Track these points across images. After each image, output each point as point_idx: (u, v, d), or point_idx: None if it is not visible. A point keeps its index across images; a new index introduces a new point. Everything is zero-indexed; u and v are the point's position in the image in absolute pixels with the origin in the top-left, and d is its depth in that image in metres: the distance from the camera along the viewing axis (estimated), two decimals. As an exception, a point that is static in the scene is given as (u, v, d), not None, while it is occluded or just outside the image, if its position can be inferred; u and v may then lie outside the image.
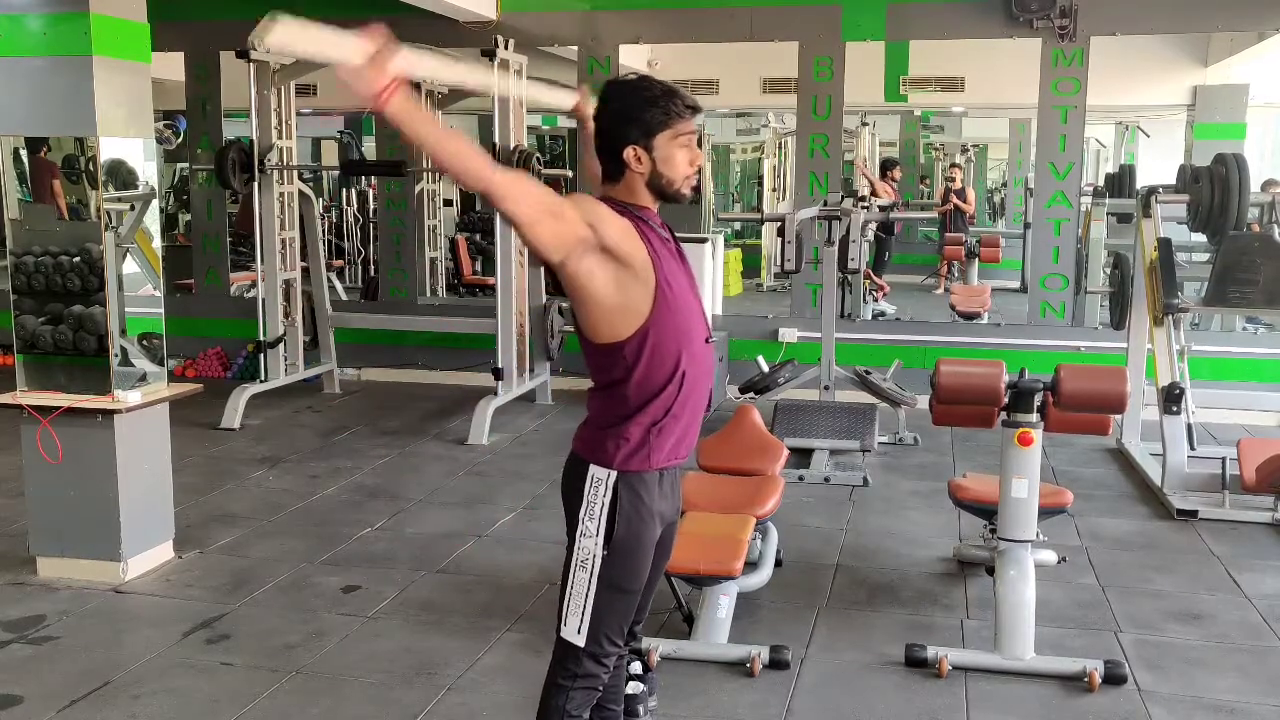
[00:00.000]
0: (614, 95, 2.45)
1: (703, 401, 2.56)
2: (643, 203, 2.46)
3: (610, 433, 2.46)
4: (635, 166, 2.42)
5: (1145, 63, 10.15)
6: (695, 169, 2.47)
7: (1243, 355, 7.65)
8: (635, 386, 2.43)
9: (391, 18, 8.79)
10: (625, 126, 2.41)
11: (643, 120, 2.40)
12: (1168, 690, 3.71)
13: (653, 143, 2.41)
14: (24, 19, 4.31)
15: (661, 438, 2.47)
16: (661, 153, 2.41)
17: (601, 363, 2.47)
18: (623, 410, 2.45)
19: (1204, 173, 6.38)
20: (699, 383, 2.52)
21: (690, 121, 2.45)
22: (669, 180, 2.44)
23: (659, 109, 2.40)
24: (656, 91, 2.42)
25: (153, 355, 4.76)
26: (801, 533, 5.23)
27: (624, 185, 2.46)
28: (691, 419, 2.53)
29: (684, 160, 2.44)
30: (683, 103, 2.43)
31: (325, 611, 4.31)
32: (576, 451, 2.54)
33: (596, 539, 2.46)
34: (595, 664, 2.54)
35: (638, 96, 2.42)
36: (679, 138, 2.43)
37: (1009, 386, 3.86)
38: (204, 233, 9.25)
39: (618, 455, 2.45)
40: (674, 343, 2.43)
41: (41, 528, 4.62)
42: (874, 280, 11.17)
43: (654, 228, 2.45)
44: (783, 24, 7.93)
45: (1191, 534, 5.29)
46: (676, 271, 2.47)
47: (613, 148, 2.43)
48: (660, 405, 2.45)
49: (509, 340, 7.34)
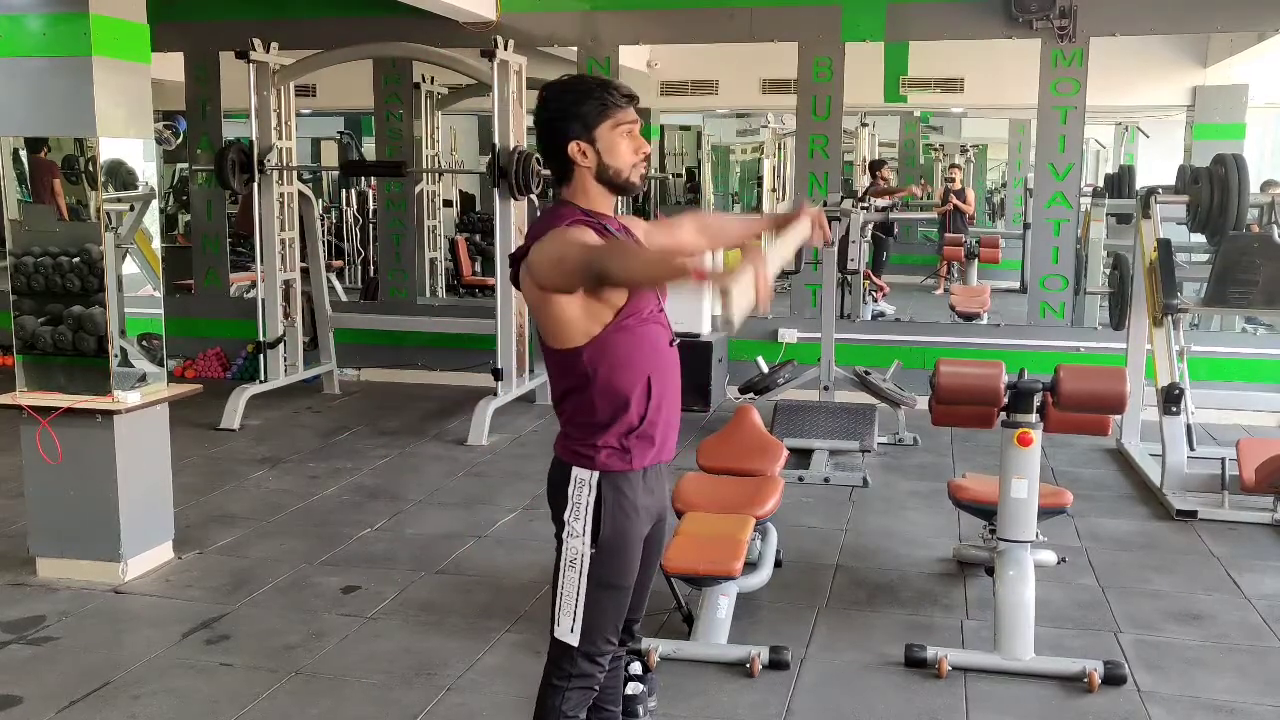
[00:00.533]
0: (550, 96, 2.47)
1: (676, 405, 2.58)
2: (597, 204, 2.48)
3: (588, 443, 2.47)
4: (581, 161, 2.44)
5: (1145, 63, 10.15)
6: (642, 156, 2.48)
7: (1242, 356, 7.65)
8: (600, 394, 2.44)
9: (392, 18, 8.79)
10: (564, 123, 2.43)
11: (580, 114, 2.42)
12: (1167, 691, 3.71)
13: (594, 134, 2.43)
14: (24, 19, 4.31)
15: (642, 444, 2.49)
16: (604, 143, 2.43)
17: (560, 368, 2.48)
18: (595, 420, 2.46)
19: (1203, 173, 6.38)
20: (668, 386, 2.53)
21: (629, 110, 2.46)
22: (616, 170, 2.45)
23: (595, 100, 2.42)
24: (590, 85, 2.46)
25: (152, 356, 4.76)
26: (801, 533, 5.23)
27: (575, 184, 2.47)
28: (668, 423, 2.55)
29: (628, 148, 2.46)
30: (619, 92, 2.45)
31: (325, 612, 4.31)
32: (559, 456, 2.55)
33: (584, 538, 2.47)
34: (590, 663, 2.54)
35: (572, 93, 2.45)
36: (619, 126, 2.44)
37: (1008, 387, 3.86)
38: (204, 233, 9.25)
39: (598, 459, 2.47)
40: (637, 347, 2.45)
41: (41, 528, 4.62)
42: (873, 281, 11.17)
43: (611, 232, 2.46)
44: (782, 24, 7.93)
45: (1191, 534, 5.29)
46: None
47: (556, 146, 2.45)
48: (634, 413, 2.46)
49: (508, 341, 7.34)
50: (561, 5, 8.21)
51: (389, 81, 8.87)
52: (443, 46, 7.68)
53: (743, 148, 16.52)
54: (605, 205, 2.50)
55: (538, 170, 7.24)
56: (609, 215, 2.50)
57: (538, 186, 7.34)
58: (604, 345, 2.41)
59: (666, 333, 2.55)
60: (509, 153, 7.06)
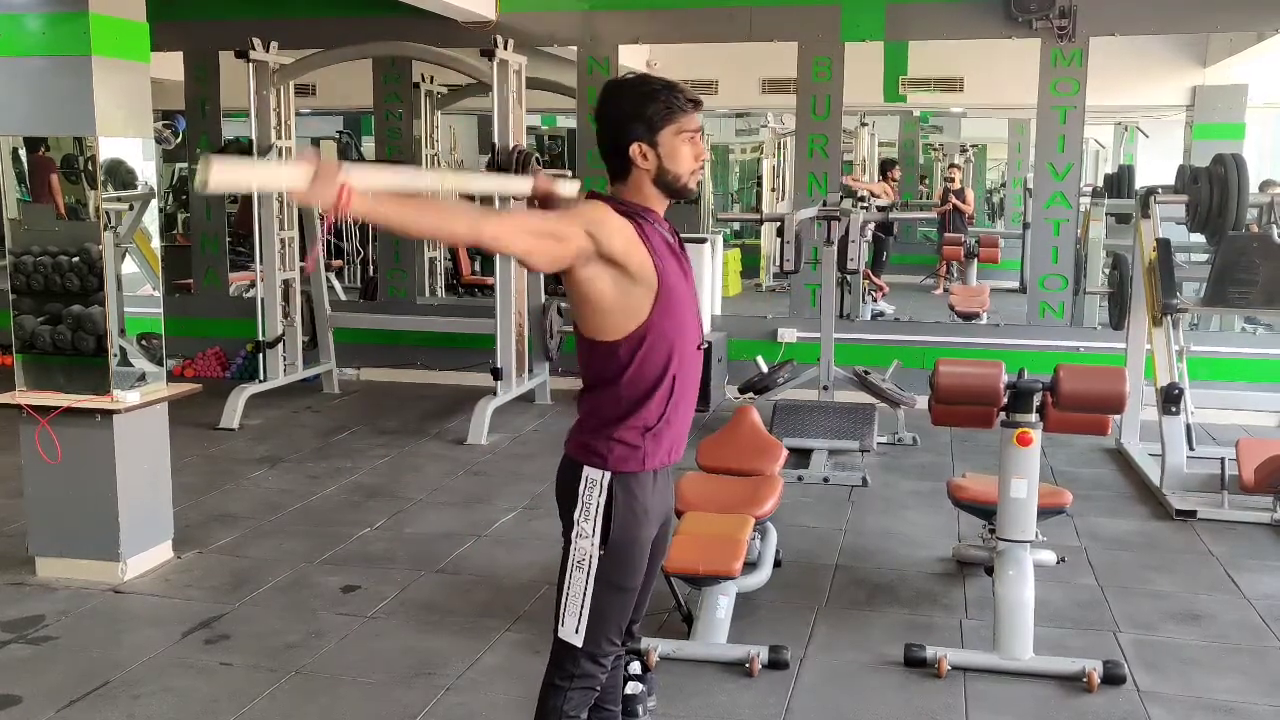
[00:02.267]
0: (615, 93, 2.46)
1: (692, 406, 2.58)
2: (649, 202, 2.47)
3: (603, 435, 2.47)
4: (641, 163, 2.43)
5: (1144, 63, 10.14)
6: (700, 163, 2.48)
7: (1241, 355, 7.65)
8: (626, 387, 2.44)
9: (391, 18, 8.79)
10: (629, 123, 2.42)
11: (645, 116, 2.41)
12: (1167, 690, 3.71)
13: (657, 138, 2.41)
14: (23, 19, 4.30)
15: (656, 442, 2.48)
16: (666, 148, 2.42)
17: (595, 361, 2.48)
18: (614, 413, 2.46)
19: (1203, 173, 6.38)
20: (689, 388, 2.54)
21: (693, 116, 2.46)
22: (675, 175, 2.45)
23: (661, 104, 2.41)
24: (657, 87, 2.44)
25: (152, 355, 4.76)
26: (800, 533, 5.23)
27: (631, 184, 2.46)
28: (682, 423, 2.55)
29: (689, 155, 2.45)
30: (684, 97, 2.44)
31: (324, 611, 4.31)
32: (570, 454, 2.54)
33: (593, 539, 2.47)
34: (593, 664, 2.54)
35: (639, 93, 2.43)
36: (683, 133, 2.43)
37: (1008, 387, 3.86)
38: (203, 232, 9.25)
39: (611, 457, 2.46)
40: (667, 346, 2.45)
41: (40, 528, 4.61)
42: (873, 280, 11.17)
43: (659, 230, 2.45)
44: (782, 24, 7.93)
45: (1190, 534, 5.29)
46: (678, 275, 2.47)
47: (618, 146, 2.44)
48: (653, 410, 2.46)
49: (508, 340, 7.34)
50: (561, 4, 8.20)
51: (388, 81, 8.87)
52: (442, 46, 7.69)
53: (742, 147, 16.52)
54: (658, 206, 2.49)
55: (537, 169, 7.24)
56: (657, 212, 2.48)
57: (537, 186, 7.32)
58: (640, 340, 2.41)
59: (697, 335, 2.55)
60: (508, 152, 7.06)
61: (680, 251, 2.53)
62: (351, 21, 8.35)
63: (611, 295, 2.38)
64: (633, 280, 2.38)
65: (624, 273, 2.37)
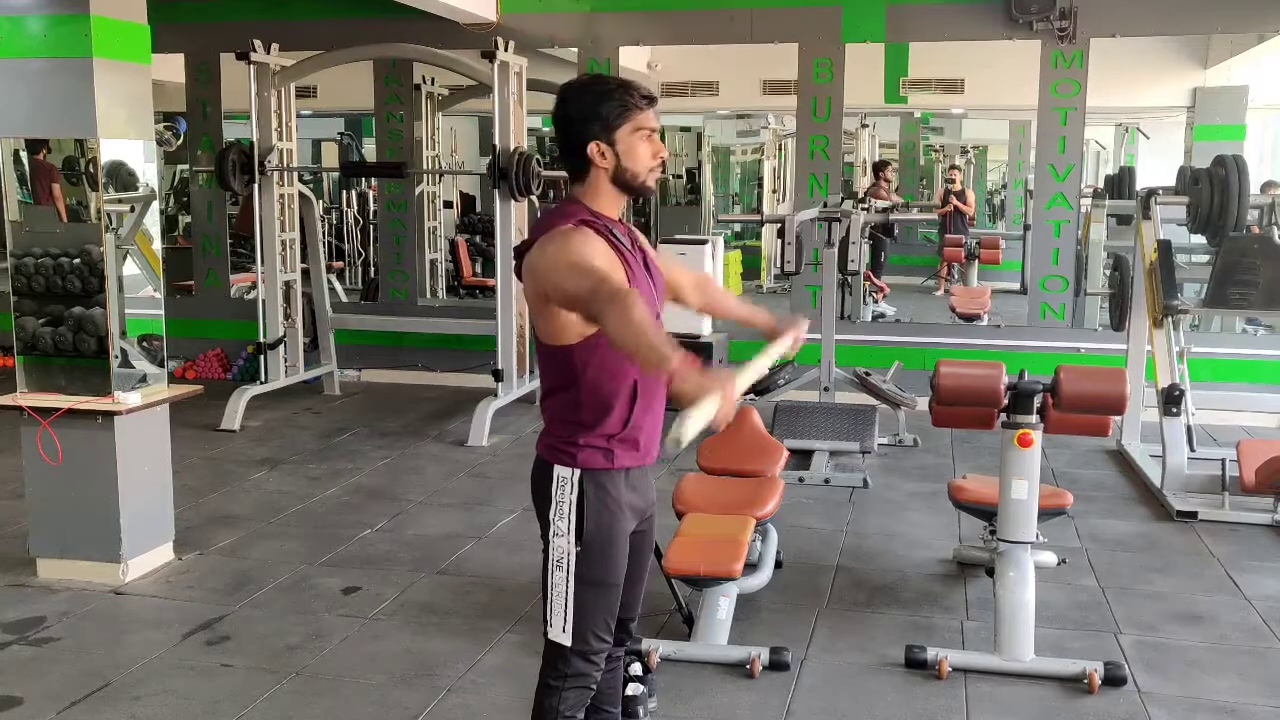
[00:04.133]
0: (571, 95, 2.48)
1: (661, 407, 2.57)
2: (608, 204, 2.48)
3: (570, 439, 2.47)
4: (599, 162, 2.44)
5: (1145, 64, 10.15)
6: (659, 161, 2.49)
7: (1242, 357, 7.65)
8: (587, 394, 2.44)
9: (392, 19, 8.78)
10: (585, 124, 2.43)
11: (601, 115, 2.42)
12: (1167, 692, 3.71)
13: (614, 136, 2.43)
14: (24, 21, 4.31)
15: (625, 447, 2.49)
16: (624, 146, 2.43)
17: (553, 366, 2.47)
18: (580, 420, 2.46)
19: (1203, 174, 6.37)
20: (655, 394, 2.52)
21: (649, 114, 2.47)
22: (633, 173, 2.46)
23: (616, 102, 2.42)
24: (611, 86, 2.46)
25: (153, 357, 4.76)
26: (801, 534, 5.23)
27: (590, 183, 2.47)
28: (652, 426, 2.55)
29: (646, 153, 2.46)
30: (639, 94, 2.45)
31: (325, 613, 4.31)
32: (540, 455, 2.55)
33: (568, 537, 2.47)
34: (584, 662, 2.54)
35: (594, 92, 2.45)
36: (639, 130, 2.44)
37: (1009, 388, 3.86)
38: (204, 234, 9.26)
39: (579, 456, 2.47)
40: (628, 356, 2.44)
41: (41, 529, 4.62)
42: (874, 282, 11.18)
43: (617, 237, 2.46)
44: (783, 26, 7.93)
45: (1191, 535, 5.29)
46: (644, 282, 2.49)
47: (575, 145, 2.45)
48: (617, 418, 2.46)
49: (509, 342, 7.35)
50: (562, 6, 8.21)
51: (389, 83, 8.88)
52: (443, 48, 7.69)
53: (743, 149, 16.51)
54: (615, 206, 2.50)
55: (538, 171, 7.25)
56: (615, 220, 2.50)
57: (538, 188, 7.34)
58: (596, 346, 2.40)
59: None
60: (509, 154, 7.06)
61: (644, 259, 2.54)
62: (352, 23, 8.36)
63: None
64: None
65: None
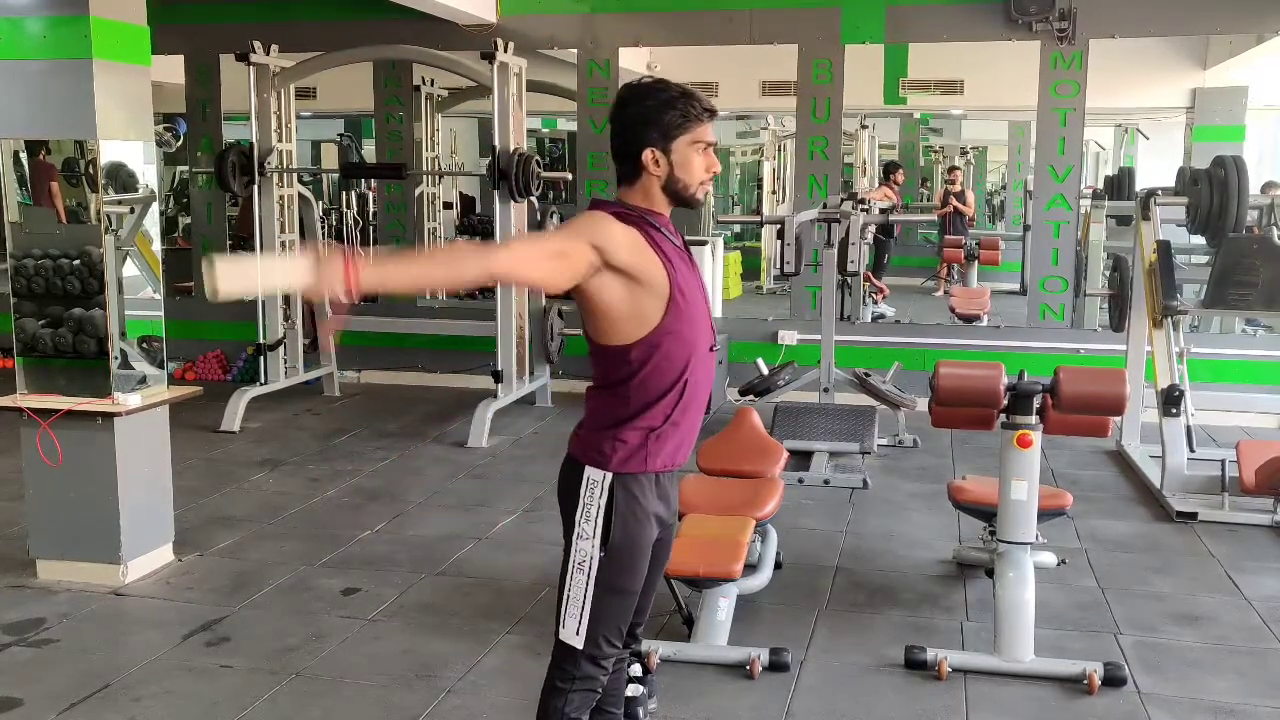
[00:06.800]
0: (632, 98, 2.45)
1: (702, 409, 2.57)
2: (656, 207, 2.46)
3: (607, 435, 2.46)
4: (653, 169, 2.42)
5: (1144, 65, 10.15)
6: (711, 174, 2.47)
7: (1241, 357, 7.65)
8: (636, 389, 2.44)
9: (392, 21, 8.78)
10: (643, 129, 2.41)
11: (662, 123, 2.40)
12: (1167, 692, 3.71)
13: (670, 146, 2.40)
14: (24, 22, 4.31)
15: (660, 443, 2.47)
16: (679, 156, 2.41)
17: (606, 364, 2.47)
18: (622, 413, 2.45)
19: (1203, 175, 6.37)
20: (700, 391, 2.52)
21: (708, 127, 2.44)
22: (685, 185, 2.44)
23: (678, 112, 2.40)
24: (675, 94, 2.42)
25: (152, 358, 4.76)
26: (801, 535, 5.23)
27: (639, 188, 2.45)
28: (690, 426, 2.54)
29: (700, 166, 2.44)
30: (700, 105, 2.43)
31: (325, 614, 4.31)
32: (573, 454, 2.54)
33: (593, 541, 2.46)
34: (593, 666, 2.54)
35: (657, 99, 2.41)
36: (697, 143, 2.42)
37: (1008, 389, 3.86)
38: (204, 235, 9.26)
39: (614, 457, 2.45)
40: (681, 350, 2.44)
41: (41, 530, 4.62)
42: (873, 283, 11.18)
43: (666, 235, 2.44)
44: (782, 27, 7.93)
45: (1191, 536, 5.29)
46: (689, 279, 2.47)
47: (630, 150, 2.43)
48: (660, 412, 2.45)
49: (509, 343, 7.35)
50: (561, 7, 8.21)
51: (389, 84, 8.88)
52: (443, 49, 7.69)
53: (743, 149, 16.52)
54: (663, 211, 2.48)
55: (537, 172, 7.25)
56: (664, 216, 2.47)
57: (537, 189, 7.34)
58: (653, 345, 2.40)
59: (709, 337, 2.54)
60: (509, 155, 7.06)
61: (687, 254, 2.52)
62: (352, 24, 8.36)
63: (622, 303, 2.37)
64: (643, 287, 2.37)
65: (634, 280, 2.36)
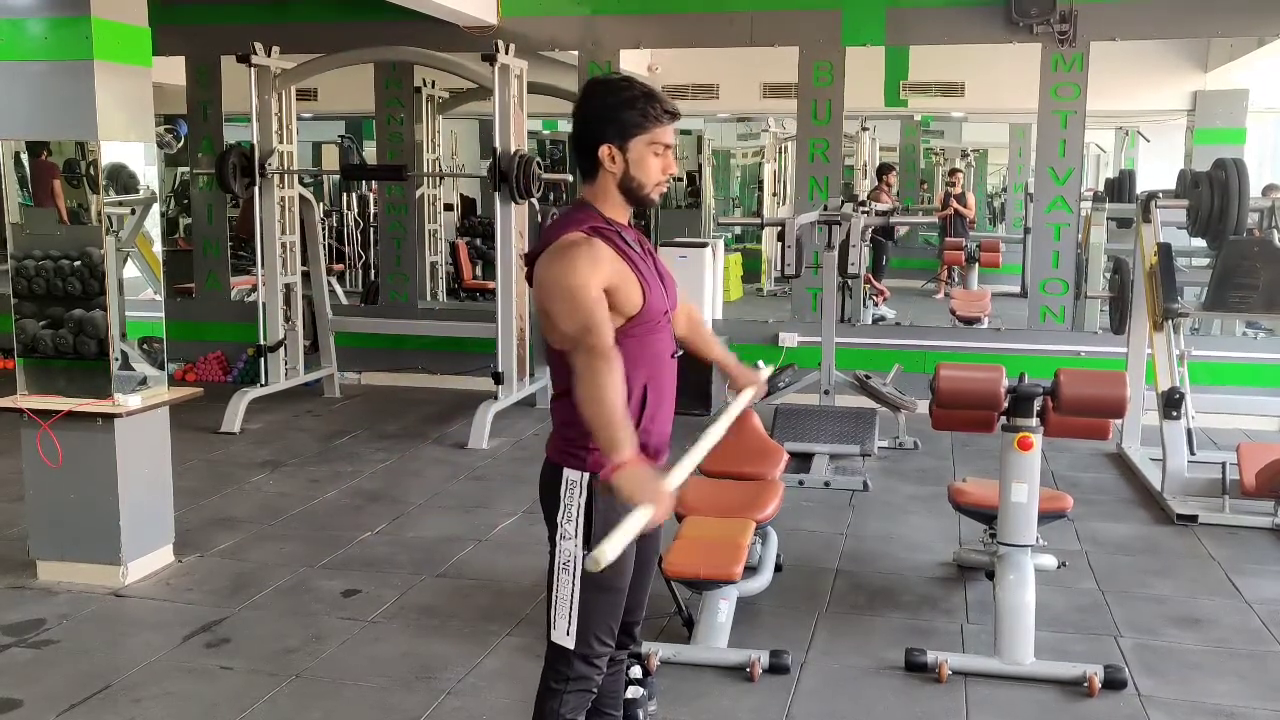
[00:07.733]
0: (594, 93, 2.48)
1: (670, 413, 2.59)
2: (613, 208, 2.49)
3: (581, 442, 2.46)
4: (609, 165, 2.44)
5: (1145, 68, 10.15)
6: (667, 176, 2.49)
7: (1242, 360, 7.65)
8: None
9: (393, 22, 8.78)
10: (602, 125, 2.44)
11: (619, 121, 2.42)
12: (1167, 695, 3.71)
13: (628, 145, 2.43)
14: (25, 23, 4.31)
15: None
16: (635, 155, 2.44)
17: (562, 368, 2.47)
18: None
19: (1204, 178, 6.37)
20: (665, 397, 2.54)
21: (668, 129, 2.46)
22: (639, 184, 2.47)
23: (636, 111, 2.42)
24: (637, 93, 2.44)
25: (153, 359, 4.76)
26: (801, 537, 5.22)
27: (598, 185, 2.48)
28: (661, 431, 2.56)
29: (656, 167, 2.47)
30: (661, 107, 2.45)
31: (325, 616, 4.31)
32: (549, 457, 2.56)
33: (576, 540, 2.48)
34: (586, 665, 2.55)
35: (617, 97, 2.44)
36: (654, 144, 2.45)
37: (1009, 391, 3.86)
38: (205, 237, 9.27)
39: (589, 458, 2.46)
40: (640, 358, 2.45)
41: (41, 531, 4.62)
42: (874, 285, 11.18)
43: (629, 243, 2.47)
44: (783, 29, 7.94)
45: (1191, 539, 5.29)
46: (657, 286, 2.50)
47: (588, 145, 2.45)
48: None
49: (509, 344, 7.35)
50: (562, 9, 8.22)
51: (390, 85, 8.89)
52: (444, 50, 7.69)
53: (743, 152, 16.54)
54: (623, 212, 2.52)
55: (538, 174, 7.25)
56: (626, 225, 2.51)
57: (538, 190, 7.35)
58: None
59: (671, 344, 2.56)
60: (510, 156, 7.07)
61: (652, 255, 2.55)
62: (353, 26, 8.37)
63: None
64: (624, 297, 2.41)
65: (615, 292, 2.39)
